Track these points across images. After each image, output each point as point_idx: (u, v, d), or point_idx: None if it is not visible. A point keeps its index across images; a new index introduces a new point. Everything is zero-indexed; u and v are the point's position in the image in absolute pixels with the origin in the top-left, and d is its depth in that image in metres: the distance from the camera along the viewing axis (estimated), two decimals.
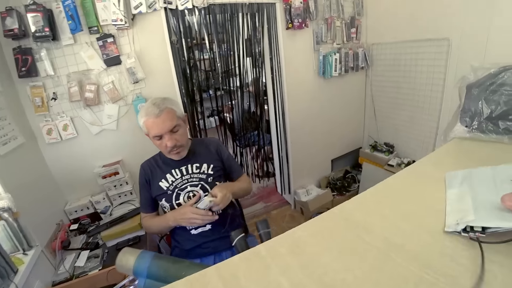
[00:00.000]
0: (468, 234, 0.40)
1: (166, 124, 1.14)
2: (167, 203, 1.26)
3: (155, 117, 1.12)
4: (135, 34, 1.68)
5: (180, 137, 1.19)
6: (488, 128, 0.73)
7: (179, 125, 1.18)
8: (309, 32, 2.19)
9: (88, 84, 1.64)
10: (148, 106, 1.15)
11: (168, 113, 1.15)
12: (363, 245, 0.44)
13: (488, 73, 0.75)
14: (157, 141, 1.18)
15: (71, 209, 1.75)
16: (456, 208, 0.47)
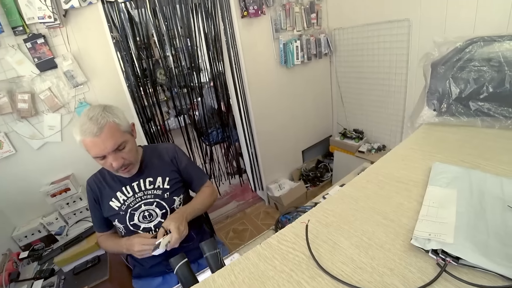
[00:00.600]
0: (436, 257, 0.32)
1: (108, 144, 0.95)
2: (120, 224, 1.12)
3: (93, 136, 0.92)
4: (70, 32, 1.50)
5: (128, 154, 1.02)
6: (458, 111, 0.65)
7: (125, 141, 1.00)
8: (267, 19, 2.08)
9: (20, 94, 1.44)
10: (84, 123, 0.93)
11: (110, 130, 0.95)
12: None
13: (454, 47, 0.67)
14: (99, 161, 1.00)
15: (20, 234, 1.58)
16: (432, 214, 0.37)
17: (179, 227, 1.00)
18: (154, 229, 1.12)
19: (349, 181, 1.29)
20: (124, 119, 1.03)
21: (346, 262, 0.32)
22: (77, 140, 0.96)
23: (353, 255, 0.33)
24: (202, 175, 1.28)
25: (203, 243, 0.61)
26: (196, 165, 1.30)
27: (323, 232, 0.37)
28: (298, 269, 0.32)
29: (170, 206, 1.13)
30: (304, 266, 0.33)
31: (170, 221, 1.01)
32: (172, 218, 1.03)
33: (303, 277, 0.31)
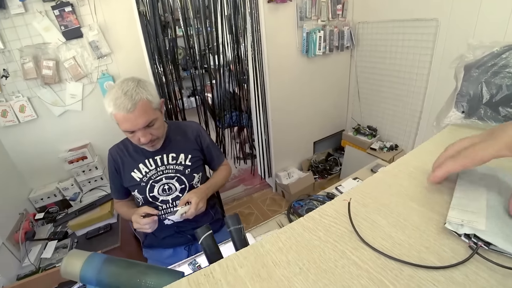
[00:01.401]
0: (468, 241, 0.34)
1: (140, 121, 0.96)
2: (140, 195, 1.15)
3: (126, 112, 0.93)
4: (98, 2, 1.50)
5: (156, 131, 1.04)
6: (487, 115, 0.65)
7: (155, 119, 1.01)
8: (293, 6, 2.05)
9: (45, 60, 1.47)
10: (118, 96, 0.93)
11: (143, 107, 0.96)
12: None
13: (490, 52, 0.67)
14: (128, 134, 1.02)
15: (37, 197, 1.64)
16: (464, 204, 0.39)
17: (199, 203, 1.05)
18: (171, 202, 1.17)
19: (362, 175, 1.32)
20: (156, 96, 1.04)
21: (385, 238, 0.34)
22: (108, 112, 0.98)
23: (391, 233, 0.35)
24: (220, 155, 1.33)
25: (228, 217, 0.63)
26: (215, 144, 1.33)
27: (362, 211, 0.39)
28: (341, 241, 0.34)
29: (189, 182, 1.17)
30: (347, 238, 0.35)
31: (193, 195, 1.06)
32: (195, 193, 1.08)
33: (347, 247, 0.33)
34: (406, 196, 0.41)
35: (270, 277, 0.30)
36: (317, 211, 0.39)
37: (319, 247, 0.33)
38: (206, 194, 1.13)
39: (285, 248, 0.33)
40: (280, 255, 0.33)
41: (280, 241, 0.34)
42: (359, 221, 0.37)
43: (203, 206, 1.08)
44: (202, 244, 0.61)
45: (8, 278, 1.22)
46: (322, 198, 1.15)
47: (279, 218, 1.08)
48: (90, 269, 0.55)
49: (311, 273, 0.30)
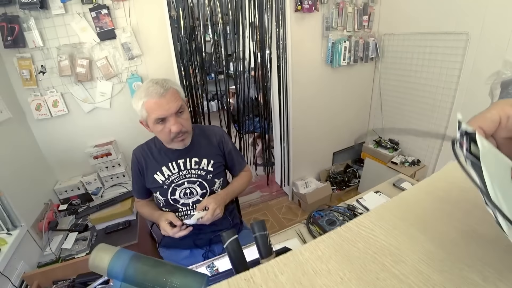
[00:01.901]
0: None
1: (172, 105, 0.99)
2: (162, 197, 1.18)
3: (158, 96, 0.97)
4: (132, 6, 1.57)
5: (186, 122, 1.06)
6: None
7: (184, 106, 1.05)
8: (319, 16, 2.06)
9: (80, 59, 1.54)
10: (149, 86, 0.99)
11: (173, 93, 1.01)
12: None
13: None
14: (158, 126, 1.02)
15: (61, 188, 1.70)
16: None
17: (216, 209, 1.07)
18: (192, 205, 1.18)
19: (384, 189, 1.28)
20: (182, 91, 1.09)
21: (425, 253, 0.34)
22: (138, 106, 1.01)
23: (431, 248, 0.34)
24: (242, 161, 1.33)
25: (254, 223, 0.62)
26: (237, 150, 1.34)
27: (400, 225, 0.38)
28: (381, 253, 0.34)
29: (210, 187, 1.18)
30: (387, 251, 0.34)
31: (211, 201, 1.08)
32: (214, 198, 1.10)
33: (387, 260, 0.33)
34: (443, 212, 0.40)
35: (312, 285, 0.30)
36: (354, 221, 0.38)
37: (359, 258, 0.32)
38: (224, 200, 1.15)
39: (324, 257, 0.33)
40: (320, 263, 0.33)
41: (319, 249, 0.34)
42: (397, 234, 0.36)
43: (220, 212, 1.10)
44: (227, 248, 0.61)
45: (30, 265, 1.26)
46: (343, 209, 1.12)
47: (298, 227, 1.07)
48: (118, 264, 0.56)
49: (353, 284, 0.30)
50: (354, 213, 1.10)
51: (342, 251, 0.34)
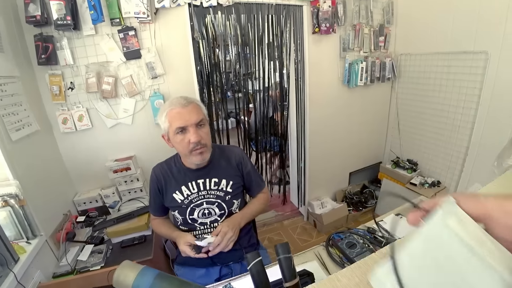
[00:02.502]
0: None
1: (193, 116, 1.04)
2: (180, 216, 1.19)
3: (181, 107, 1.04)
4: (157, 28, 1.65)
5: (205, 135, 1.08)
6: None
7: (205, 120, 1.09)
8: (336, 38, 2.10)
9: (106, 76, 1.62)
10: (173, 99, 1.08)
11: (195, 106, 1.07)
12: None
13: None
14: (178, 136, 1.04)
15: (80, 200, 1.73)
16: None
17: (228, 232, 1.08)
18: (209, 224, 1.18)
19: (405, 211, 1.24)
20: (204, 108, 1.13)
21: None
22: (162, 118, 1.07)
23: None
24: (260, 182, 1.32)
25: (278, 245, 0.62)
26: (256, 171, 1.32)
27: None
28: None
29: (229, 208, 1.18)
30: None
31: (225, 226, 1.09)
32: (228, 222, 1.12)
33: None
34: None
35: None
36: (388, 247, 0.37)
37: None
38: (239, 223, 1.15)
39: (362, 284, 0.32)
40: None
41: (356, 276, 0.33)
42: None
43: (234, 235, 1.10)
44: (251, 269, 0.60)
45: (46, 275, 1.27)
46: (363, 232, 1.09)
47: (317, 249, 1.04)
48: (143, 283, 0.56)
49: None
50: (375, 236, 1.07)
51: None
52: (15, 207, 1.18)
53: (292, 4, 1.93)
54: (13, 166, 1.21)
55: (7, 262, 1.04)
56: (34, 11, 1.34)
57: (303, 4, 1.95)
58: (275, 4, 1.87)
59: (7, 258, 1.04)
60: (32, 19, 1.35)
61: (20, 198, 1.19)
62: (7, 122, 1.22)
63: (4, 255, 1.03)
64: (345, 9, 2.05)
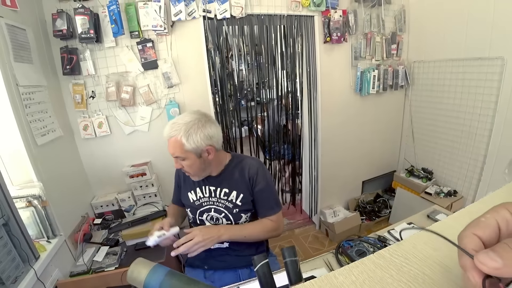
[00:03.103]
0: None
1: (171, 149, 1.07)
2: (191, 215, 1.24)
3: (166, 136, 1.07)
4: (173, 40, 1.73)
5: (187, 167, 1.09)
6: None
7: (185, 158, 1.06)
8: (348, 46, 2.12)
9: (125, 86, 1.70)
10: (171, 122, 1.07)
11: (172, 143, 1.05)
12: None
13: None
14: None
15: (97, 203, 1.80)
16: None
17: (197, 237, 1.04)
18: None
19: (417, 220, 1.23)
20: (198, 141, 1.03)
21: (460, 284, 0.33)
22: None
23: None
24: (273, 206, 1.20)
25: (285, 249, 0.62)
26: (272, 193, 1.21)
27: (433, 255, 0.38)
28: (415, 282, 0.34)
29: (236, 221, 1.19)
30: (421, 280, 0.34)
31: (198, 230, 1.06)
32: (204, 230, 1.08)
33: None
34: None
35: None
36: (387, 250, 0.39)
37: (392, 285, 0.33)
38: (218, 235, 1.07)
39: (358, 281, 0.34)
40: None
41: (353, 274, 0.35)
42: (431, 264, 0.36)
43: (204, 243, 1.04)
44: (257, 271, 0.61)
45: (63, 273, 1.33)
46: (373, 240, 1.08)
47: (326, 256, 1.04)
48: (154, 278, 0.59)
49: None
50: (385, 245, 1.06)
51: (376, 277, 0.34)
52: (38, 207, 1.25)
53: (304, 15, 1.97)
54: (38, 169, 1.29)
55: (28, 259, 1.10)
56: (61, 26, 1.44)
57: (314, 15, 1.99)
58: (287, 15, 1.92)
59: (28, 255, 1.10)
60: (59, 33, 1.46)
61: (43, 199, 1.26)
62: (34, 127, 1.31)
63: (26, 252, 1.09)
64: (356, 18, 2.07)
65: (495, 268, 0.21)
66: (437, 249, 0.38)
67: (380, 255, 0.37)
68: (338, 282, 0.34)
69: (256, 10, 1.83)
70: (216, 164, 1.16)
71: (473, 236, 0.26)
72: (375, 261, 0.36)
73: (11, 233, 1.04)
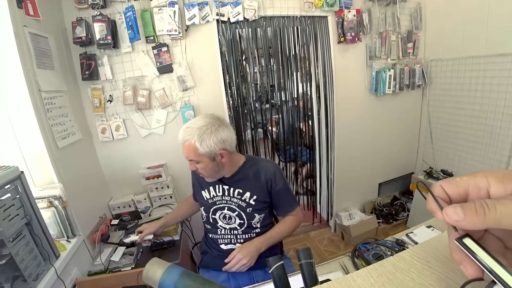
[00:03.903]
0: None
1: (185, 153, 1.11)
2: (205, 213, 1.25)
3: (181, 140, 1.10)
4: (188, 44, 1.76)
5: (201, 170, 1.12)
6: None
7: (199, 161, 1.09)
8: (362, 46, 2.09)
9: (141, 89, 1.74)
10: (185, 126, 1.10)
11: (187, 147, 1.08)
12: None
13: None
14: None
15: (115, 204, 1.84)
16: None
17: (242, 260, 1.13)
18: (229, 230, 1.22)
19: (437, 224, 1.18)
20: (211, 146, 1.05)
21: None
22: None
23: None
24: (292, 202, 1.26)
25: (300, 250, 0.61)
26: (289, 190, 1.27)
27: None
28: (437, 285, 0.32)
29: (249, 220, 1.20)
30: (444, 284, 0.32)
31: (240, 251, 1.14)
32: (245, 250, 1.15)
33: None
34: None
35: None
36: (408, 252, 0.37)
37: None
38: (257, 250, 1.15)
39: (377, 284, 0.33)
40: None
41: (372, 277, 0.34)
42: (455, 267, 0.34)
43: (249, 263, 1.13)
44: (272, 273, 0.61)
45: (82, 272, 1.36)
46: (391, 244, 1.05)
47: (342, 260, 1.02)
48: (169, 278, 0.59)
49: None
50: (403, 248, 1.02)
51: (396, 281, 0.33)
52: (58, 208, 1.29)
53: (317, 16, 1.96)
54: (59, 170, 1.33)
55: (49, 257, 1.13)
56: (80, 33, 1.50)
57: (328, 15, 1.97)
58: (300, 16, 1.91)
59: (49, 254, 1.13)
60: (78, 40, 1.52)
61: (63, 200, 1.30)
62: (55, 131, 1.36)
63: (47, 251, 1.12)
64: (371, 17, 2.03)
65: (455, 221, 0.26)
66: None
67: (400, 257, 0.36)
68: (356, 284, 0.33)
69: (269, 12, 1.84)
70: (229, 166, 1.17)
71: (440, 187, 0.30)
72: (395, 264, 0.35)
73: (33, 232, 1.08)
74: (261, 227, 1.23)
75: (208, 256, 1.30)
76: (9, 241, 0.94)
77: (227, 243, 1.23)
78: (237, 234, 1.21)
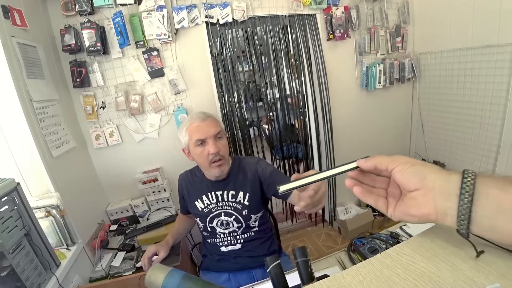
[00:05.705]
0: None
1: (211, 128, 1.10)
2: (201, 223, 1.26)
3: (200, 121, 1.11)
4: (178, 47, 1.76)
5: (223, 147, 1.12)
6: None
7: (223, 133, 1.15)
8: (351, 42, 2.11)
9: (133, 95, 1.74)
10: (193, 114, 1.18)
11: (213, 120, 1.14)
12: None
13: None
14: (198, 149, 1.10)
15: (112, 210, 1.84)
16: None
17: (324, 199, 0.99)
18: (228, 234, 1.23)
19: None
20: (222, 123, 1.19)
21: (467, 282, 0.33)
22: (183, 131, 1.14)
23: (473, 277, 0.34)
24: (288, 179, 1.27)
25: (296, 249, 0.64)
26: (280, 172, 1.31)
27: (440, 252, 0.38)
28: (421, 280, 0.35)
29: (246, 221, 1.22)
30: (427, 278, 0.35)
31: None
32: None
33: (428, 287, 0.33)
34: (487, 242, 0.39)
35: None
36: (394, 249, 0.39)
37: (399, 284, 0.33)
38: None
39: (365, 281, 0.35)
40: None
41: (360, 274, 0.36)
42: (437, 262, 0.36)
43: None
44: (270, 272, 0.63)
45: (83, 279, 1.37)
46: (385, 237, 1.08)
47: (338, 255, 1.05)
48: (171, 282, 0.61)
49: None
50: (398, 241, 1.05)
51: (383, 277, 0.35)
52: (56, 217, 1.29)
53: (305, 14, 1.97)
54: (54, 179, 1.33)
55: (50, 266, 1.14)
56: (69, 40, 1.49)
57: (316, 13, 1.99)
58: (289, 15, 1.92)
59: (50, 263, 1.14)
60: (67, 48, 1.51)
61: (61, 208, 1.31)
62: (49, 140, 1.36)
63: (47, 260, 1.13)
64: (359, 13, 2.06)
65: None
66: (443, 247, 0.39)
67: (387, 255, 0.38)
68: (346, 282, 0.35)
69: (257, 12, 1.85)
70: (227, 160, 1.19)
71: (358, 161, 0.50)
72: (382, 261, 0.37)
73: (33, 242, 1.08)
74: (259, 226, 1.25)
75: (208, 259, 1.32)
76: (9, 252, 0.95)
77: (227, 245, 1.25)
78: (236, 235, 1.23)
